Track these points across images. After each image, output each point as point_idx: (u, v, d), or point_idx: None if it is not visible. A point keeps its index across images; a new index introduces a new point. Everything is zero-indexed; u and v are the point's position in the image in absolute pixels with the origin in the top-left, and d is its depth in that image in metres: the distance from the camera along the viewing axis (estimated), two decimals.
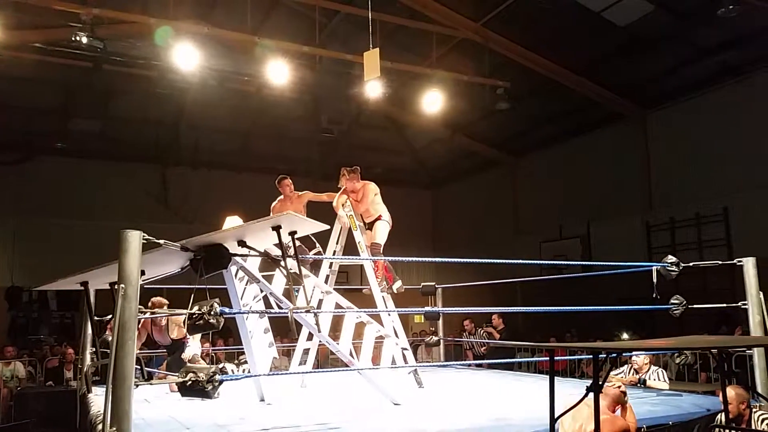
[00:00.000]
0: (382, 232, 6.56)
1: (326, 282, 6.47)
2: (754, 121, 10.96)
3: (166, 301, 5.66)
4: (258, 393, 5.59)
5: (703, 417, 4.72)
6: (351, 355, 5.32)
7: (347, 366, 5.38)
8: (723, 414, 4.45)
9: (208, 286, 5.09)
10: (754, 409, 4.60)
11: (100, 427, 3.50)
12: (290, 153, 16.86)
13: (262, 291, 5.31)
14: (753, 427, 4.42)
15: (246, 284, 5.39)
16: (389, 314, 6.38)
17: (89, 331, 6.30)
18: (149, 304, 5.58)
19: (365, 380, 5.46)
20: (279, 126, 15.65)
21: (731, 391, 4.29)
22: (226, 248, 4.09)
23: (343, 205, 6.65)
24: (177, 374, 3.75)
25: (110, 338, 3.23)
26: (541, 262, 13.80)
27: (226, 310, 3.88)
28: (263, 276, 5.05)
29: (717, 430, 4.33)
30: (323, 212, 6.62)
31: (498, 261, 6.14)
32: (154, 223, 11.35)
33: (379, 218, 6.59)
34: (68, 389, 9.22)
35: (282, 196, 7.14)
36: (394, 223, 6.79)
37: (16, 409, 9.13)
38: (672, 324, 6.12)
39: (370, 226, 6.65)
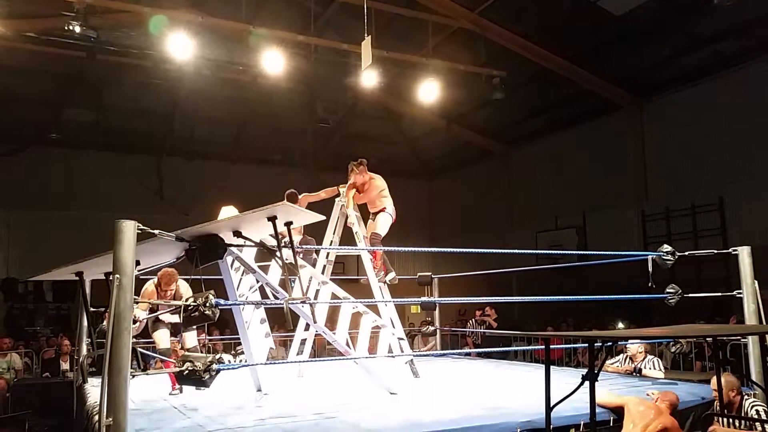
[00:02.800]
0: (383, 223, 6.54)
1: (323, 272, 6.47)
2: (749, 111, 10.97)
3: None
4: (255, 383, 5.60)
5: (698, 405, 4.74)
6: (347, 345, 5.32)
7: (344, 356, 5.40)
8: (717, 402, 4.48)
9: (203, 277, 5.08)
10: (745, 397, 4.63)
11: (96, 417, 3.50)
12: (285, 143, 16.84)
13: (258, 281, 5.31)
14: (743, 414, 4.45)
15: (242, 275, 5.38)
16: (386, 304, 6.38)
17: (85, 322, 6.29)
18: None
19: (362, 370, 5.47)
20: (274, 116, 15.59)
21: (722, 379, 4.32)
22: (221, 238, 4.07)
23: (338, 195, 6.64)
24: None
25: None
26: (537, 251, 13.82)
27: (222, 301, 3.87)
28: (259, 266, 5.04)
29: (716, 418, 4.36)
30: (320, 203, 6.62)
31: (494, 251, 6.15)
32: (149, 214, 11.35)
33: (383, 210, 6.58)
34: (65, 380, 9.22)
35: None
36: None
37: (13, 400, 9.12)
38: (667, 313, 6.14)
39: (374, 217, 6.65)
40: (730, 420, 4.37)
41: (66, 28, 9.35)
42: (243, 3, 10.60)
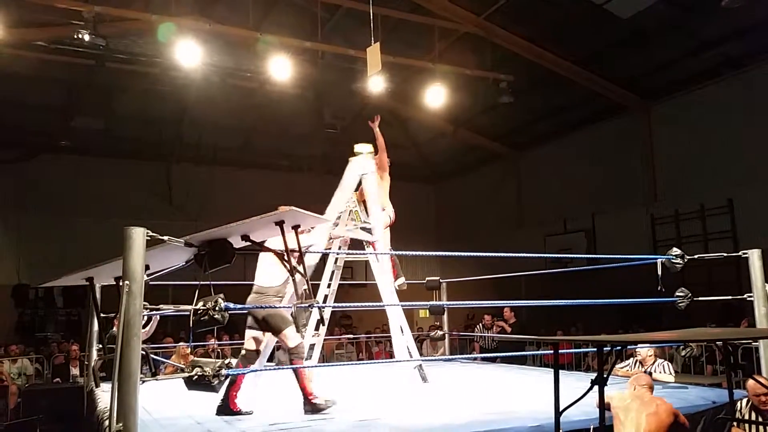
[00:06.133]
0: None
1: (332, 277, 6.48)
2: (758, 113, 10.90)
3: None
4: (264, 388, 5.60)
5: (709, 409, 4.71)
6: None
7: (351, 361, 5.39)
8: (742, 402, 4.45)
9: (212, 282, 5.11)
10: None
11: (106, 423, 3.52)
12: (293, 149, 16.89)
13: None
14: None
15: None
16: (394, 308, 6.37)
17: (95, 327, 6.32)
18: None
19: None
20: (282, 122, 15.63)
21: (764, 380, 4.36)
22: (230, 243, 4.09)
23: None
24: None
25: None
26: (546, 255, 13.74)
27: (231, 305, 3.88)
28: None
29: (734, 423, 4.33)
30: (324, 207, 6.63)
31: (502, 255, 6.12)
32: (159, 220, 11.38)
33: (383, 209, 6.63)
34: (75, 385, 9.26)
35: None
36: (397, 217, 6.79)
37: (24, 406, 9.17)
38: (677, 316, 6.10)
39: None
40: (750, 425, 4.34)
41: (75, 36, 9.42)
42: (250, 10, 10.66)
